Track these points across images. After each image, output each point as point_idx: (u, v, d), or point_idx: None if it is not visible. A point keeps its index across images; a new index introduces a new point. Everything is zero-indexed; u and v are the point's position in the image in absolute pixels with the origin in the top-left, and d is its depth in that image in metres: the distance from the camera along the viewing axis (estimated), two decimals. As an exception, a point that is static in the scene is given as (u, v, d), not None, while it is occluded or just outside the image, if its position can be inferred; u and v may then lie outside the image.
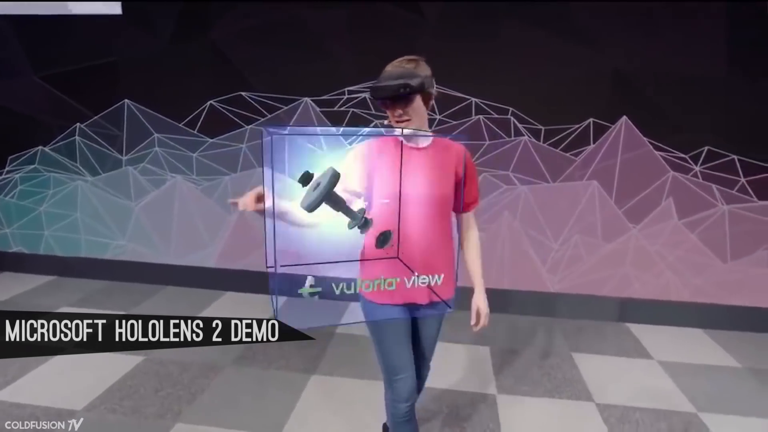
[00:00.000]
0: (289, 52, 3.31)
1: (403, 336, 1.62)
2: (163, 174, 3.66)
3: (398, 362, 1.60)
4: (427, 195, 1.49)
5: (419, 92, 1.46)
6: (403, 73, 1.46)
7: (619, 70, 3.03)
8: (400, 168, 1.48)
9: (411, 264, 1.48)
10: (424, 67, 1.53)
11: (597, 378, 2.67)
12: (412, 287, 1.42)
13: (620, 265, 3.30)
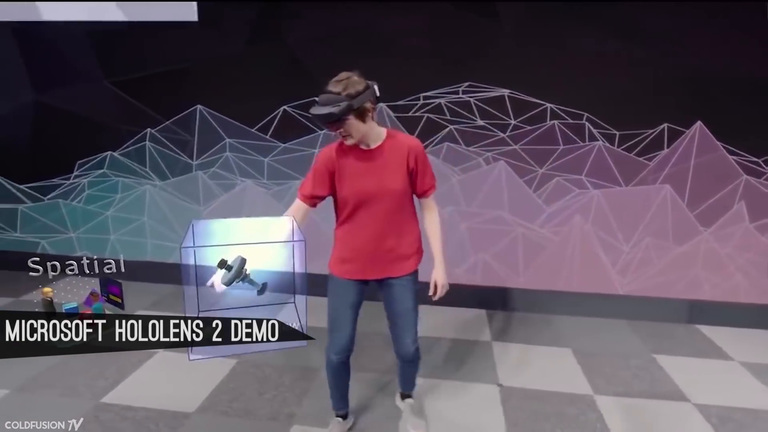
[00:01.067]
0: (364, 56, 3.35)
1: (348, 302, 1.94)
2: (233, 178, 3.71)
3: (339, 321, 1.95)
4: (379, 188, 1.79)
5: (348, 115, 1.67)
6: (330, 99, 1.67)
7: (694, 75, 3.09)
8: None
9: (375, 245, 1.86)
10: (354, 84, 1.70)
11: (685, 379, 2.72)
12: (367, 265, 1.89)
13: (690, 268, 3.36)
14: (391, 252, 1.89)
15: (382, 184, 1.80)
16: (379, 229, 1.85)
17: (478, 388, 2.60)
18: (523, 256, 3.50)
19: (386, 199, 1.82)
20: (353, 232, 1.90)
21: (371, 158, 1.81)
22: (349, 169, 1.81)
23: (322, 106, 1.69)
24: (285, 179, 3.65)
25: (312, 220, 2.16)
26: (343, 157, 1.81)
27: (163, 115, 3.68)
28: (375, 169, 1.80)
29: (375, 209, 1.82)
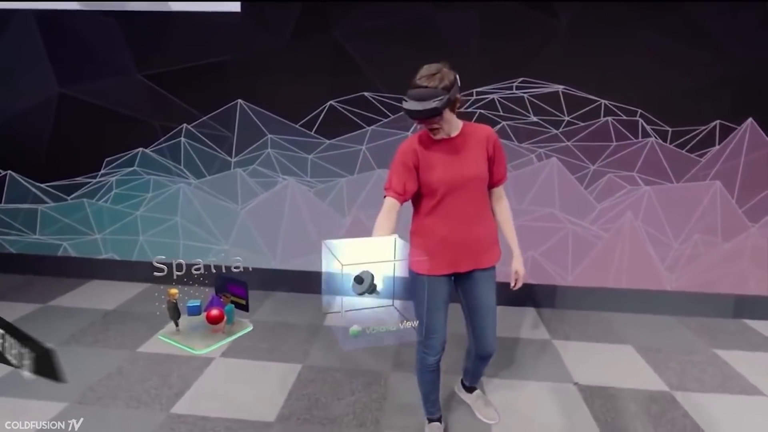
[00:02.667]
0: (415, 51, 3.29)
1: (441, 300, 1.87)
2: (274, 176, 3.57)
3: (434, 322, 1.87)
4: (466, 175, 1.77)
5: (446, 108, 1.65)
6: (428, 94, 1.62)
7: (746, 73, 3.13)
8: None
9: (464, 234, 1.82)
10: (447, 75, 1.67)
11: (753, 372, 2.74)
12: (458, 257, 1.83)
13: (737, 263, 3.40)
14: (478, 242, 1.86)
15: (468, 171, 1.79)
16: (467, 217, 1.82)
17: (554, 387, 2.56)
18: (572, 253, 3.48)
19: (472, 186, 1.81)
20: (441, 223, 1.82)
21: (454, 147, 1.80)
22: (435, 158, 1.78)
23: (422, 101, 1.64)
24: (329, 177, 3.54)
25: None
26: (426, 147, 1.79)
27: (200, 110, 3.52)
28: (459, 157, 1.79)
29: (462, 197, 1.80)
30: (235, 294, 1.89)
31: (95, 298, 3.50)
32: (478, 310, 1.93)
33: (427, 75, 1.66)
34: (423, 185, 1.79)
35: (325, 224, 3.60)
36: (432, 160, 1.77)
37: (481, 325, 1.95)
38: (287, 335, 3.06)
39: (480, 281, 1.90)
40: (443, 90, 1.63)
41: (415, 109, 1.64)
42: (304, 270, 3.67)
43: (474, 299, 1.92)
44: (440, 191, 1.77)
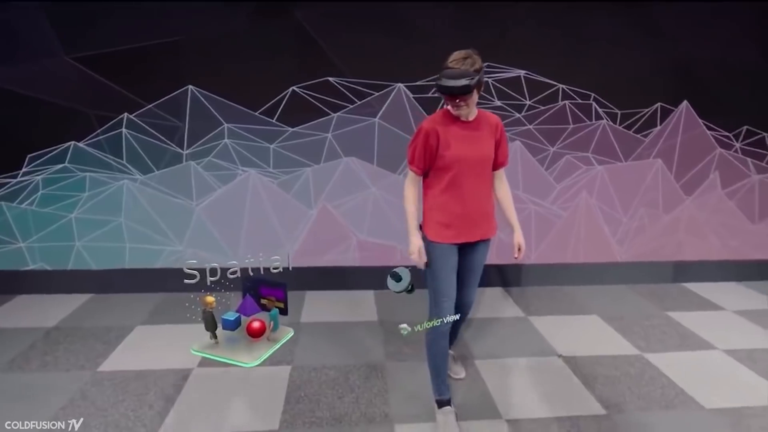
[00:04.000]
0: (381, 35, 3.21)
1: (452, 267, 2.06)
2: (233, 168, 3.32)
3: (446, 287, 2.05)
4: (478, 155, 1.98)
5: (476, 87, 1.83)
6: (463, 73, 1.79)
7: (683, 59, 3.43)
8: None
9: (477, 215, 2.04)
10: (477, 61, 1.84)
11: (702, 330, 3.05)
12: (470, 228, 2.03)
13: (675, 232, 3.76)
14: (486, 215, 2.09)
15: (481, 151, 2.00)
16: (478, 192, 2.03)
17: (541, 361, 2.66)
18: (535, 232, 3.63)
19: (483, 164, 2.02)
20: (455, 197, 2.01)
21: (471, 129, 1.98)
22: (454, 137, 1.95)
23: (455, 79, 1.79)
24: (294, 167, 3.36)
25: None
26: (446, 127, 1.95)
27: (145, 98, 3.16)
28: (475, 137, 1.98)
29: (474, 174, 2.00)
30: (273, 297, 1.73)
31: (30, 316, 3.04)
32: (472, 272, 2.17)
33: (460, 58, 1.82)
34: (440, 160, 1.97)
35: (290, 217, 3.43)
36: (450, 139, 1.94)
37: (469, 282, 2.19)
38: (265, 337, 2.87)
39: (481, 249, 2.14)
40: (474, 72, 1.80)
41: (450, 86, 1.78)
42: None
43: (471, 262, 2.14)
44: (455, 167, 1.96)
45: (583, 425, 2.13)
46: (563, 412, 2.21)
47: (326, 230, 3.47)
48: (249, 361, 1.79)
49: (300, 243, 3.47)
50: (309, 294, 3.52)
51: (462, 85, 1.77)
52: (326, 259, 3.53)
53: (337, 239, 3.50)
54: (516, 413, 2.20)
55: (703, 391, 2.40)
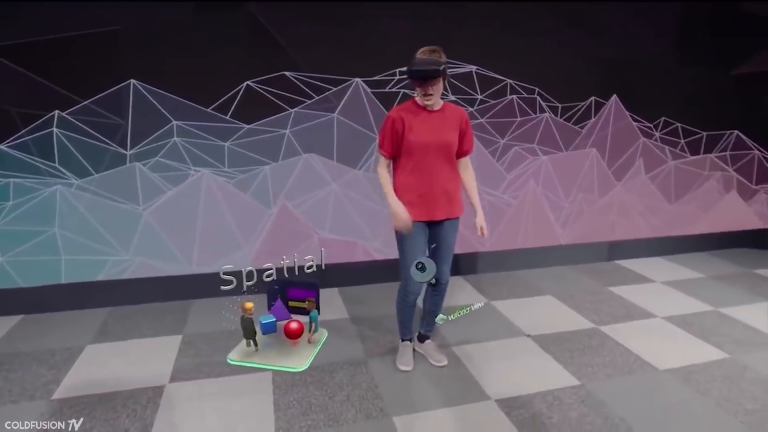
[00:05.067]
0: (338, 29, 3.16)
1: (420, 242, 2.29)
2: (183, 168, 3.10)
3: (413, 256, 2.24)
4: (441, 141, 2.21)
5: (442, 75, 2.11)
6: (433, 60, 2.09)
7: (612, 56, 3.76)
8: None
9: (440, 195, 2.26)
10: (443, 55, 2.13)
11: (641, 301, 3.39)
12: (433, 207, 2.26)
13: (608, 215, 4.12)
14: (449, 195, 2.30)
15: (444, 138, 2.22)
16: (441, 175, 2.25)
17: (513, 342, 2.81)
18: (489, 221, 3.79)
19: (446, 150, 2.24)
20: (420, 179, 2.23)
21: (435, 118, 2.22)
22: (419, 124, 2.18)
23: (427, 65, 2.06)
24: (250, 165, 3.22)
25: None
26: (412, 115, 2.19)
27: (79, 94, 2.85)
28: (438, 126, 2.21)
29: (437, 158, 2.22)
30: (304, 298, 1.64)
31: (-50, 345, 2.64)
32: (445, 250, 2.38)
33: (428, 50, 2.11)
34: (406, 144, 2.18)
35: (248, 217, 3.28)
36: (415, 125, 2.17)
37: (442, 257, 2.37)
38: (232, 344, 2.73)
39: (447, 227, 2.35)
40: (443, 62, 2.09)
41: (422, 69, 2.05)
42: (229, 270, 3.30)
43: (441, 240, 2.35)
44: (419, 151, 2.18)
45: (563, 396, 2.28)
46: (543, 387, 2.35)
47: (286, 229, 3.37)
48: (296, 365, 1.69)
49: (259, 244, 3.34)
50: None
51: (432, 69, 2.05)
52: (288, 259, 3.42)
53: (298, 238, 3.42)
54: (502, 392, 2.30)
55: (654, 355, 2.67)
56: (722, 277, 3.88)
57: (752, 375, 2.48)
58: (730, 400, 2.28)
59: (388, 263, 3.53)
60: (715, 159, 4.29)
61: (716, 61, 4.05)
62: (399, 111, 2.20)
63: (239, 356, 1.60)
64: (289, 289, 1.84)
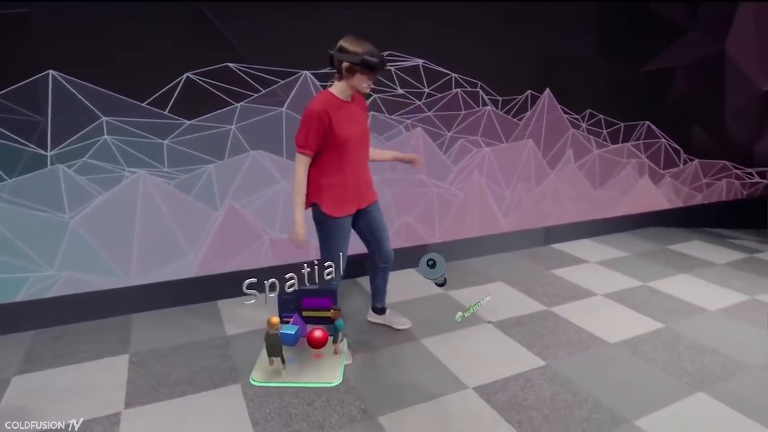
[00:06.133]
0: (285, 17, 3.01)
1: (347, 236, 2.40)
2: (117, 170, 2.79)
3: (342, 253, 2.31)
4: (362, 132, 2.31)
5: None
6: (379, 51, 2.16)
7: (545, 51, 3.97)
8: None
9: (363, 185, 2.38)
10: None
11: (581, 281, 3.65)
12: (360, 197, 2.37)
13: (544, 202, 4.38)
14: (368, 182, 2.43)
15: (364, 128, 2.32)
16: (362, 165, 2.35)
17: (476, 329, 2.88)
18: (437, 213, 3.87)
19: (366, 140, 2.34)
20: (348, 173, 2.26)
21: (353, 109, 2.25)
22: (342, 117, 2.17)
23: (381, 56, 2.15)
24: (193, 164, 2.98)
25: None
26: (334, 109, 2.16)
27: (-17, 86, 2.45)
28: (356, 117, 2.26)
29: (359, 149, 2.30)
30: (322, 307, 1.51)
31: None
32: (379, 229, 2.53)
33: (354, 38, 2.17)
34: (333, 139, 2.16)
35: (192, 221, 3.04)
36: (340, 119, 2.16)
37: (381, 237, 2.54)
38: (189, 359, 2.53)
39: (375, 210, 2.50)
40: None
41: (381, 60, 2.12)
42: (174, 279, 3.05)
43: (374, 222, 2.49)
44: (345, 145, 2.19)
45: (533, 378, 2.38)
46: (514, 371, 2.44)
47: (235, 232, 3.18)
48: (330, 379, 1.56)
49: (206, 248, 3.11)
50: (222, 303, 3.19)
51: (386, 61, 2.26)
52: (236, 263, 3.23)
53: (248, 240, 3.23)
54: (477, 380, 2.35)
55: (603, 330, 2.88)
56: (643, 254, 4.29)
57: (686, 341, 2.77)
58: (673, 365, 2.52)
59: (344, 260, 3.47)
60: (631, 147, 4.72)
61: (630, 58, 4.44)
62: (321, 105, 2.13)
63: (263, 376, 1.46)
64: (303, 298, 1.70)
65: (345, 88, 2.19)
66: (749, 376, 2.43)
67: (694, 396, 2.26)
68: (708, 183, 5.30)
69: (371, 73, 2.13)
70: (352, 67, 2.10)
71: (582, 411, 2.14)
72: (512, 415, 2.10)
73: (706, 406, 2.19)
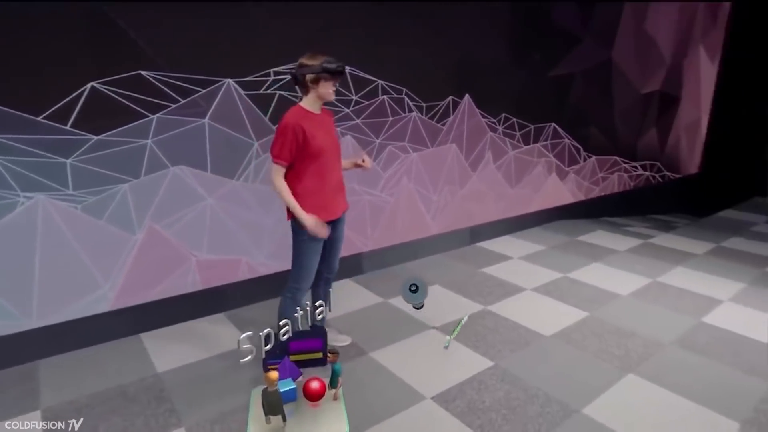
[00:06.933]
0: (204, 19, 2.78)
1: (321, 243, 2.43)
2: (9, 196, 2.39)
3: (314, 265, 2.43)
4: (334, 143, 2.40)
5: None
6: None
7: (465, 58, 4.11)
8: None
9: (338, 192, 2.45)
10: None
11: (509, 277, 3.84)
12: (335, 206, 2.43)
13: (467, 202, 4.55)
14: (342, 191, 2.49)
15: (335, 139, 2.41)
16: (337, 175, 2.43)
17: (423, 336, 2.90)
18: (369, 220, 3.84)
19: (338, 150, 2.43)
20: (323, 182, 2.33)
21: (324, 121, 2.35)
22: (315, 129, 2.25)
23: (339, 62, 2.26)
24: (104, 184, 2.64)
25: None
26: (307, 121, 2.23)
27: None
28: (328, 129, 2.36)
29: (334, 158, 2.38)
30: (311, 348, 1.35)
31: None
32: (339, 240, 2.59)
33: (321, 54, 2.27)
34: (308, 150, 2.22)
35: (106, 248, 2.70)
36: (314, 130, 2.24)
37: (338, 249, 2.61)
38: (116, 406, 2.24)
39: (342, 222, 2.56)
40: None
41: (341, 66, 2.24)
42: (87, 316, 2.69)
43: (338, 232, 2.55)
44: (320, 155, 2.26)
45: (485, 379, 2.46)
46: (466, 375, 2.50)
47: (157, 256, 2.88)
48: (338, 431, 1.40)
49: (124, 277, 2.79)
50: (147, 337, 2.88)
51: (344, 65, 2.27)
52: (160, 290, 2.94)
53: (172, 264, 2.95)
54: (433, 389, 2.37)
55: (537, 324, 3.06)
56: (558, 247, 4.64)
57: (609, 327, 3.04)
58: (603, 350, 2.75)
59: (278, 276, 3.32)
60: (540, 148, 5.07)
61: (538, 64, 4.77)
62: (295, 117, 2.22)
63: None
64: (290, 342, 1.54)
65: (314, 100, 2.29)
66: (666, 353, 2.73)
67: (625, 378, 2.48)
68: (603, 177, 5.88)
69: (334, 78, 2.26)
70: (316, 77, 2.22)
71: (535, 406, 2.25)
72: (473, 420, 2.15)
73: (637, 386, 2.42)
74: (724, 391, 2.39)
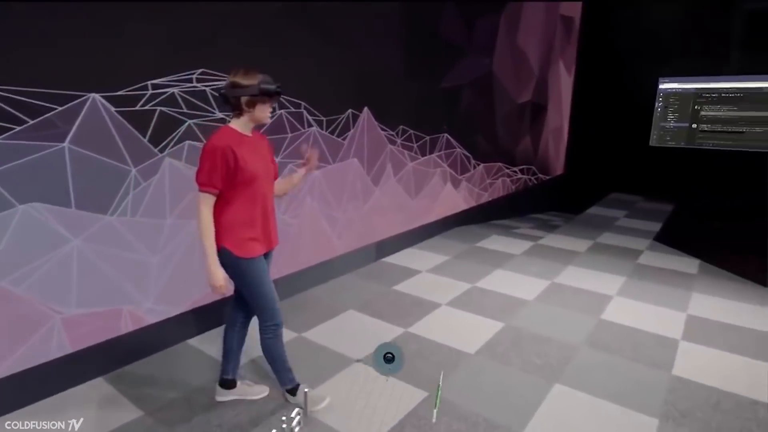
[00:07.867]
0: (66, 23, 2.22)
1: (268, 274, 2.23)
2: None
3: (274, 294, 2.22)
4: (268, 169, 2.15)
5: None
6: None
7: (360, 70, 3.97)
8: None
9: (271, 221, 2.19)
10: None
11: (423, 292, 3.78)
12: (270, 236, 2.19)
13: (372, 218, 4.42)
14: (275, 219, 2.25)
15: (268, 164, 2.17)
16: (270, 202, 2.19)
17: (348, 374, 2.67)
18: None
19: (272, 177, 2.20)
20: (257, 211, 2.10)
21: (255, 144, 2.11)
22: (247, 154, 2.02)
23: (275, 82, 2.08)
24: None
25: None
26: (237, 145, 2.00)
27: None
28: (261, 153, 2.12)
29: (267, 185, 2.15)
30: None
31: None
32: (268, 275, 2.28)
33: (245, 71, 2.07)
34: (240, 176, 1.99)
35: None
36: (245, 155, 2.01)
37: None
38: None
39: (271, 254, 2.30)
40: None
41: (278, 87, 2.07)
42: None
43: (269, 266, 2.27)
44: (252, 183, 2.04)
45: (423, 413, 2.31)
46: (404, 411, 2.33)
47: (5, 320, 2.24)
48: None
49: None
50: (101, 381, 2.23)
51: (281, 85, 2.09)
52: (12, 362, 2.29)
53: (29, 327, 2.33)
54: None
55: (460, 342, 3.02)
56: (460, 255, 4.73)
57: (525, 334, 3.11)
58: (526, 361, 2.79)
59: (169, 322, 2.85)
60: (436, 158, 5.15)
61: (431, 75, 4.82)
62: (224, 140, 1.98)
63: None
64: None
65: (246, 121, 2.07)
66: (580, 356, 2.86)
67: (553, 390, 2.52)
68: (491, 182, 6.21)
69: (272, 100, 2.08)
70: (252, 100, 2.01)
71: (479, 436, 2.16)
72: (422, 466, 1.98)
73: (564, 396, 2.47)
74: (637, 387, 2.55)
